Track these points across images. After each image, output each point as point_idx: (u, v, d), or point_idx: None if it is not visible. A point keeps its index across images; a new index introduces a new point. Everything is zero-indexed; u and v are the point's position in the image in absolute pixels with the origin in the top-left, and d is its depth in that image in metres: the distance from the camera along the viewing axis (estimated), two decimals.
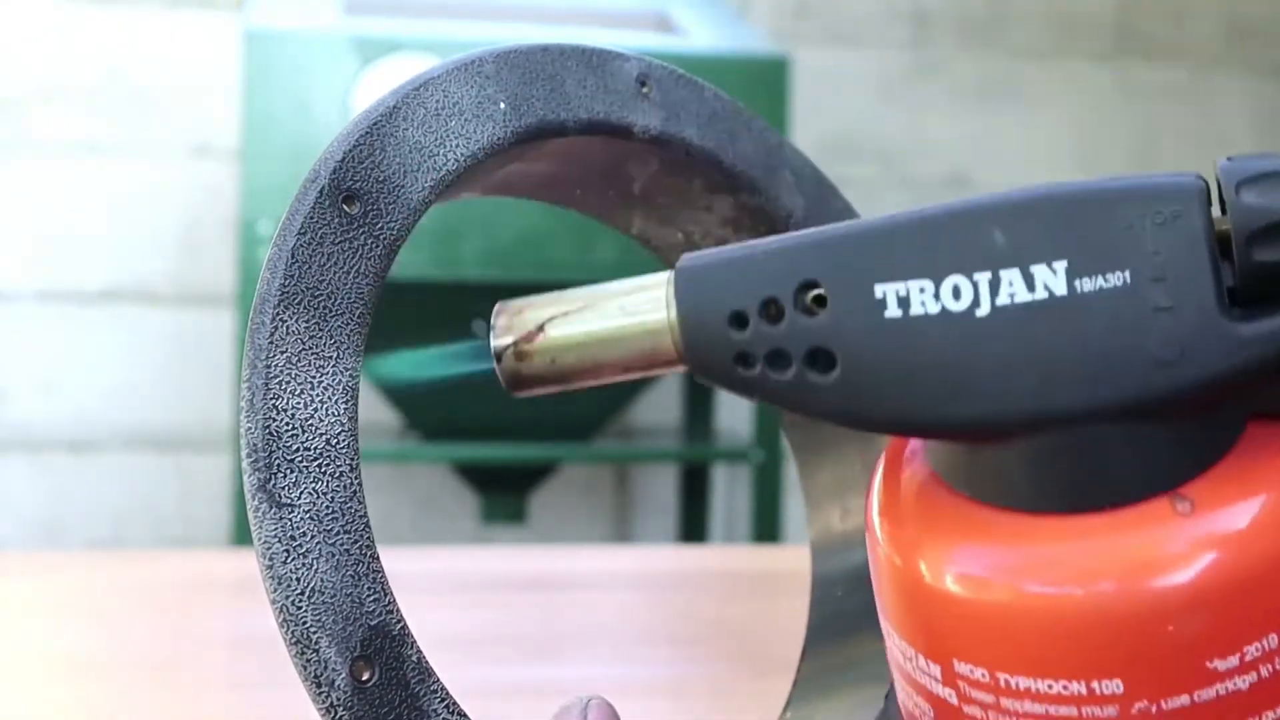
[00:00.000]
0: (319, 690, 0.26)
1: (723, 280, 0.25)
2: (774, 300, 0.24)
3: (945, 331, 0.24)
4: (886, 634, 0.26)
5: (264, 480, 0.26)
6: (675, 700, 0.54)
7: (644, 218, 0.36)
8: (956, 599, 0.24)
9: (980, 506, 0.24)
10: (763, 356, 0.24)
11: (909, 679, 0.25)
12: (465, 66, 0.30)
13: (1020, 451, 0.24)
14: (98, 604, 0.67)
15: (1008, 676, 0.23)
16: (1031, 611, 0.23)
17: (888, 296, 0.24)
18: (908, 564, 0.25)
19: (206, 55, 1.95)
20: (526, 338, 0.26)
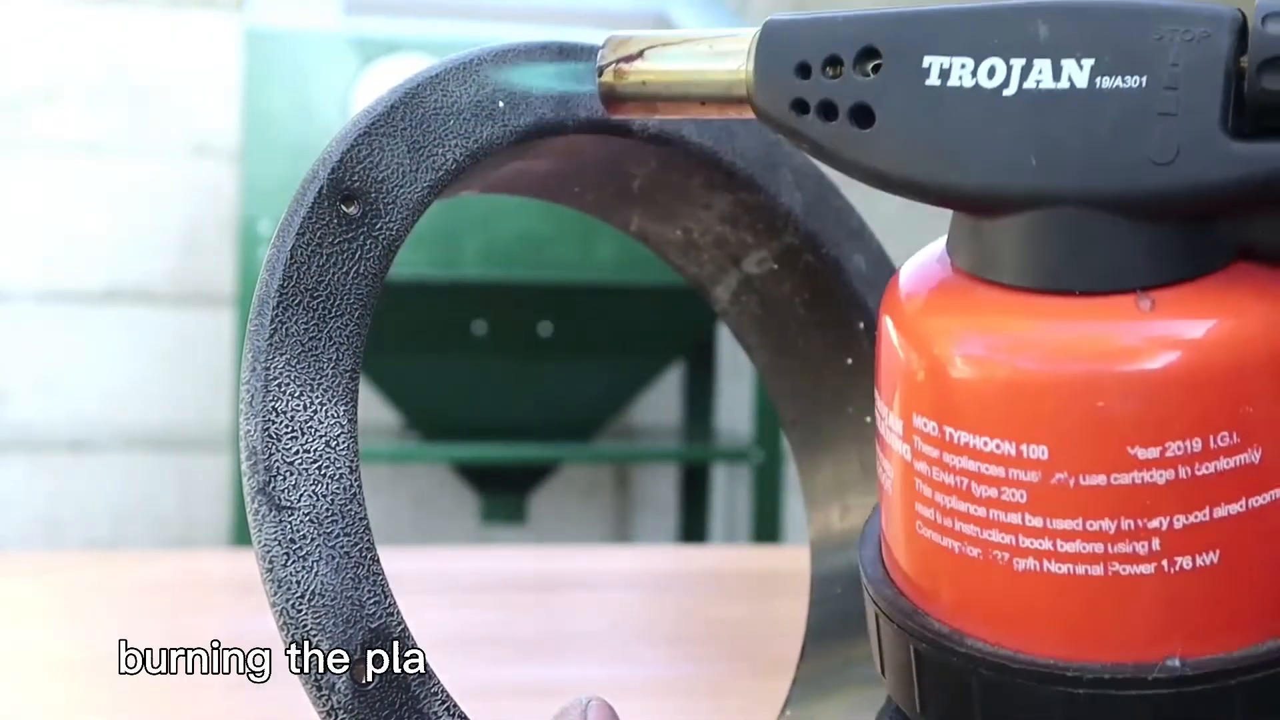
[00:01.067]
0: (319, 693, 0.26)
1: (799, 35, 0.28)
2: (837, 58, 0.27)
3: (973, 104, 0.26)
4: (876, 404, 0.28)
5: (263, 483, 0.26)
6: (675, 700, 0.54)
7: (643, 215, 0.36)
8: (920, 357, 0.26)
9: (969, 279, 0.27)
10: (816, 105, 0.27)
11: (881, 442, 0.28)
12: (463, 65, 0.30)
13: (1012, 227, 0.26)
14: (98, 604, 0.67)
15: (952, 430, 0.26)
16: (979, 373, 0.26)
17: (932, 67, 0.26)
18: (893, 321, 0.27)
19: (206, 55, 1.95)
20: (626, 59, 0.30)
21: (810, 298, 0.36)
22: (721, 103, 0.29)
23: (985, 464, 0.25)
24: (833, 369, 0.37)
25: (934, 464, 0.26)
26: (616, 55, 0.30)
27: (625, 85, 0.30)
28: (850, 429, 0.37)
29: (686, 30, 0.30)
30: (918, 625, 0.27)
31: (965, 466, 0.26)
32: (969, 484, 0.26)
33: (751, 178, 0.35)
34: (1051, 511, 0.25)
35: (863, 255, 0.36)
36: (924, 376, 0.26)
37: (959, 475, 0.26)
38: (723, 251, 0.37)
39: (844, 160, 0.27)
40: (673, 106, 0.30)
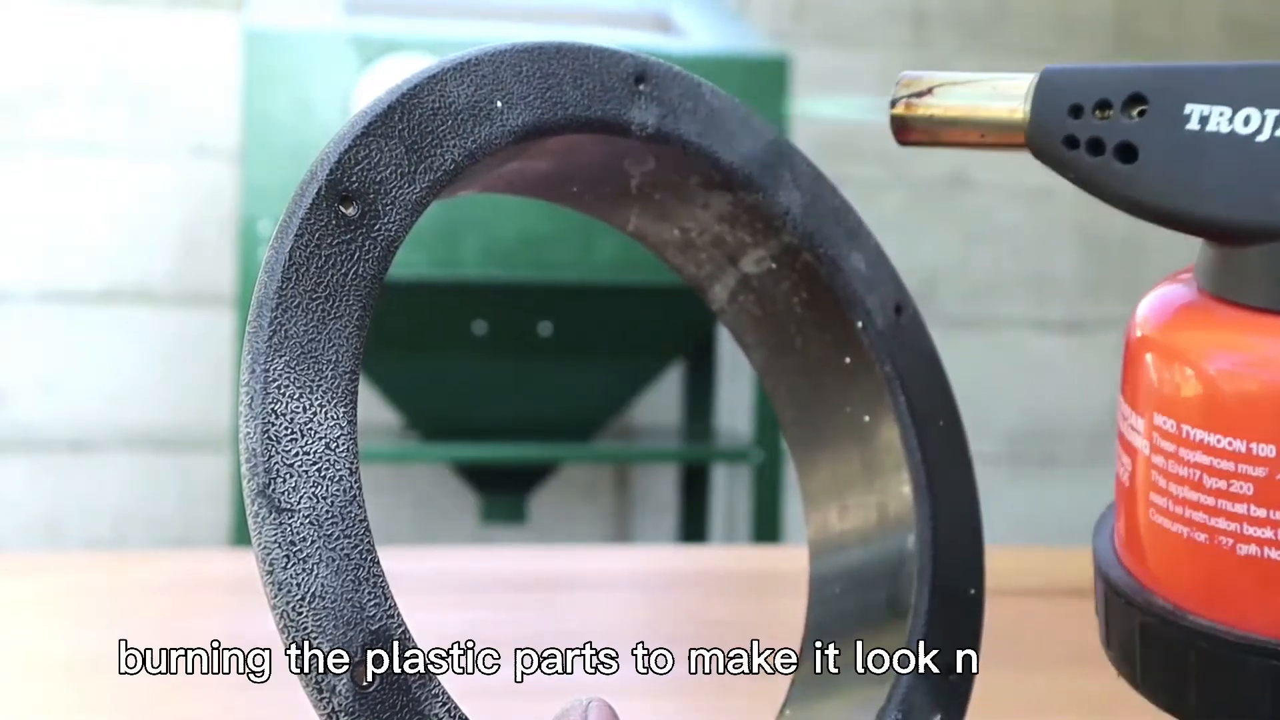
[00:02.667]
0: (320, 695, 0.26)
1: (1074, 82, 0.32)
2: (1107, 102, 0.31)
3: (1228, 147, 0.29)
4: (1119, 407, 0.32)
5: (263, 485, 0.26)
6: (675, 700, 0.54)
7: (640, 215, 0.36)
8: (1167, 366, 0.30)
9: (1216, 301, 0.30)
10: (1085, 141, 0.31)
11: (1122, 440, 0.32)
12: (461, 66, 0.30)
13: (1259, 255, 0.29)
14: (98, 604, 0.67)
15: (1189, 428, 0.30)
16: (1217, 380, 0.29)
17: (1193, 114, 0.30)
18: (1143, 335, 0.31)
19: (206, 55, 1.95)
20: (917, 94, 0.34)
21: (808, 297, 0.36)
22: (998, 135, 0.33)
23: (1217, 459, 0.29)
24: (831, 368, 0.37)
25: (1170, 457, 0.30)
26: (908, 91, 0.34)
27: (915, 117, 0.34)
28: (848, 428, 0.37)
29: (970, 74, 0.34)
30: (1144, 602, 0.31)
31: (1199, 460, 0.29)
32: (1201, 476, 0.29)
33: (749, 177, 0.35)
34: (1275, 503, 0.29)
35: (861, 254, 0.36)
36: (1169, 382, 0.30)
37: (1193, 468, 0.30)
38: (720, 251, 0.37)
39: (1108, 191, 0.31)
40: (954, 136, 0.34)
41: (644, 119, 0.33)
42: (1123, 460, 0.32)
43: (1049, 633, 0.60)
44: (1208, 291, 0.31)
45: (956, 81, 0.34)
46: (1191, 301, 0.31)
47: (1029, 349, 2.20)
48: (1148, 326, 0.32)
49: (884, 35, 2.17)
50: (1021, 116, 0.32)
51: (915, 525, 0.36)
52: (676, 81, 0.34)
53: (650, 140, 0.33)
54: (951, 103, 0.34)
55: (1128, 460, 0.32)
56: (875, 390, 0.36)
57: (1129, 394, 0.32)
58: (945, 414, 0.36)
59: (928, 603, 0.35)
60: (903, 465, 0.36)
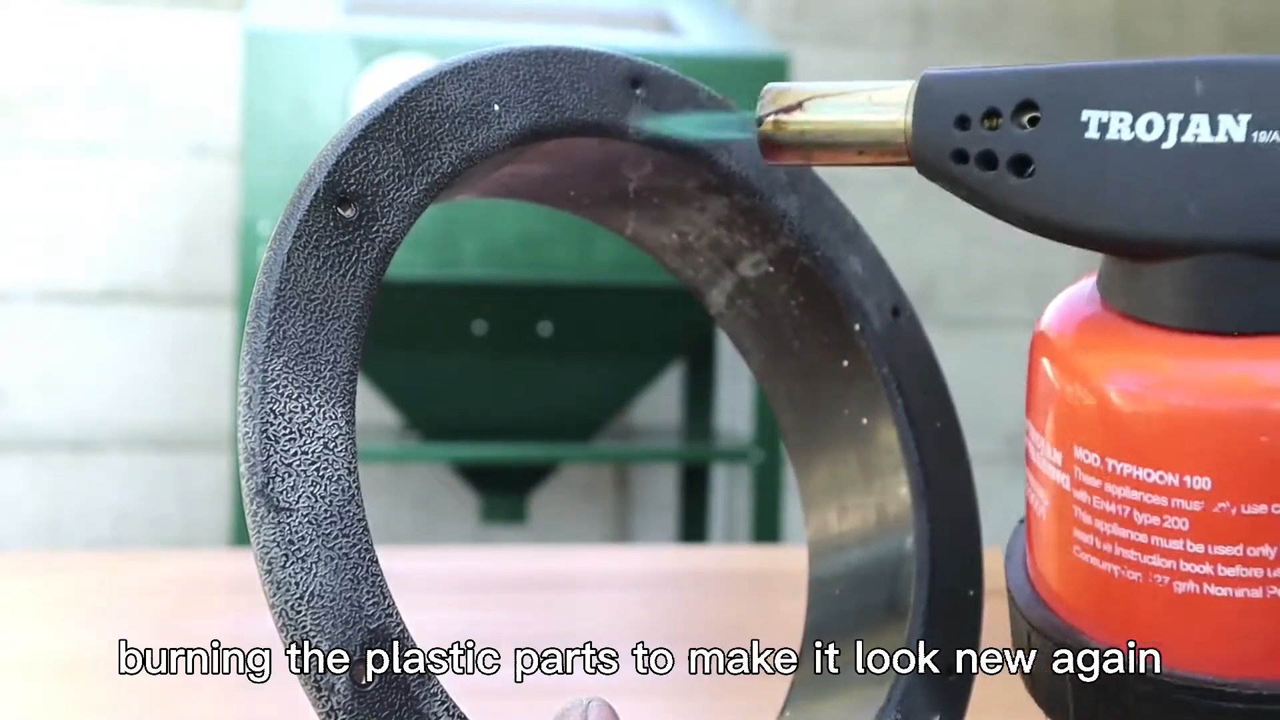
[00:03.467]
0: (319, 694, 0.26)
1: (957, 90, 0.29)
2: (996, 111, 0.29)
3: (1131, 156, 0.27)
4: (1028, 431, 0.30)
5: (262, 485, 0.26)
6: (675, 700, 0.54)
7: (638, 219, 0.36)
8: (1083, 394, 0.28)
9: (1125, 319, 0.28)
10: (975, 155, 0.29)
11: (1035, 470, 0.30)
12: (458, 70, 0.30)
13: (1174, 272, 0.27)
14: (98, 604, 0.67)
15: (1115, 462, 0.27)
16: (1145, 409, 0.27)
17: (1091, 121, 0.28)
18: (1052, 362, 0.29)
19: (206, 55, 1.95)
20: (785, 110, 0.31)
21: (806, 300, 0.36)
22: (879, 152, 0.30)
23: (1148, 494, 0.27)
24: (829, 371, 0.37)
25: (1095, 493, 0.28)
26: (776, 106, 0.31)
27: (784, 135, 0.31)
28: (846, 431, 0.37)
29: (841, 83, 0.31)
30: (1075, 645, 0.29)
31: (1128, 496, 0.27)
32: (1131, 512, 0.27)
33: (746, 180, 0.35)
34: (1213, 538, 0.26)
35: (858, 257, 0.36)
36: (1087, 411, 0.28)
37: (1121, 504, 0.27)
38: (718, 254, 0.37)
39: (1003, 207, 0.29)
40: (830, 155, 0.31)
41: (641, 122, 0.33)
42: (1035, 491, 0.30)
43: None
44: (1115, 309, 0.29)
45: (828, 93, 0.31)
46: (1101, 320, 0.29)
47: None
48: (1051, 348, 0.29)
49: (884, 35, 2.17)
50: (903, 130, 0.30)
51: (914, 526, 0.36)
52: (672, 85, 0.34)
53: (647, 144, 0.33)
54: (825, 117, 0.31)
55: (1043, 492, 0.29)
56: (873, 392, 0.36)
57: (1038, 420, 0.29)
58: (943, 415, 0.36)
59: (926, 603, 0.35)
60: (901, 467, 0.36)
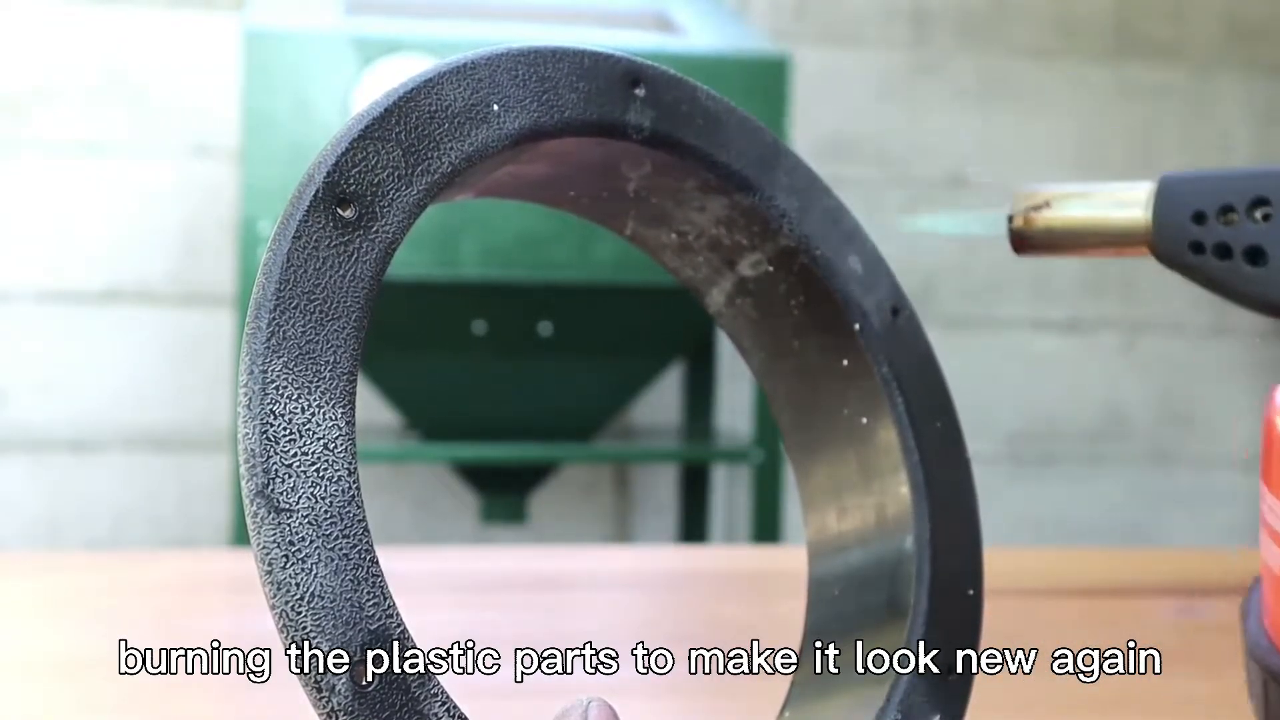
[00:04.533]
0: (320, 695, 0.26)
1: (1195, 190, 0.32)
2: (1231, 207, 0.32)
3: None
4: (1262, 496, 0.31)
5: (262, 485, 0.26)
6: (675, 700, 0.54)
7: (637, 219, 0.36)
8: None
9: None
10: (1212, 246, 0.32)
11: (1268, 528, 0.31)
12: (457, 70, 0.30)
13: None
14: (98, 604, 0.67)
15: None
16: None
17: None
18: None
19: (206, 55, 1.95)
20: (1035, 207, 0.35)
21: (805, 300, 0.36)
22: (1121, 245, 0.34)
23: None
24: (828, 371, 0.37)
25: None
26: (1026, 205, 0.35)
27: (1034, 231, 0.35)
28: (846, 431, 0.37)
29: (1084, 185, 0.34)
30: None
31: None
32: None
33: (746, 180, 0.35)
34: None
35: (857, 256, 0.36)
36: None
37: None
38: (717, 254, 0.37)
39: (1239, 293, 0.32)
40: (1075, 249, 0.34)
41: (640, 122, 0.33)
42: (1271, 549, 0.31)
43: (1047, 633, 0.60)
44: None
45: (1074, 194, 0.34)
46: None
47: (1029, 349, 2.20)
48: None
49: (884, 35, 2.17)
50: (1144, 225, 0.33)
51: (913, 526, 0.36)
52: (671, 84, 0.34)
53: (647, 143, 0.33)
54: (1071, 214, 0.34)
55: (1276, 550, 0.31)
56: (873, 392, 0.36)
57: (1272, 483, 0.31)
58: (942, 415, 0.36)
59: (926, 603, 0.35)
60: (900, 467, 0.36)
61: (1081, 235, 0.34)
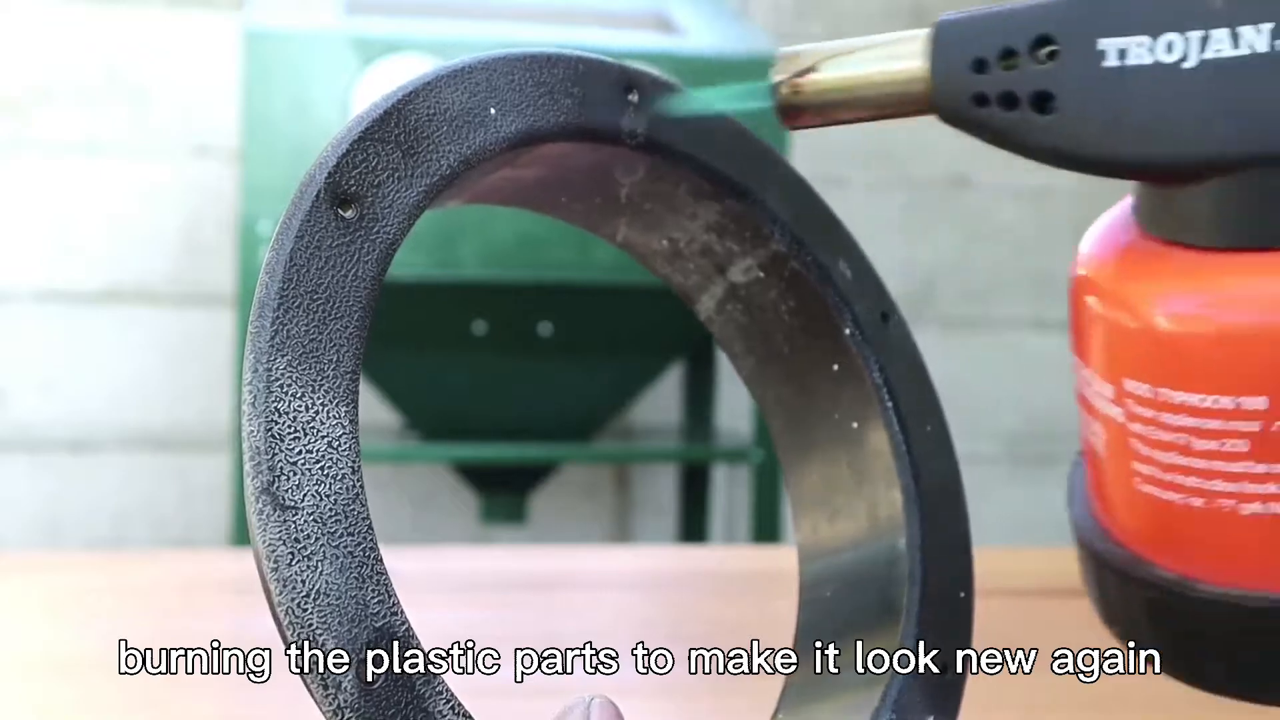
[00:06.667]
0: (325, 692, 0.26)
1: (972, 33, 0.29)
2: (1012, 50, 0.28)
3: (1154, 80, 0.27)
4: (1077, 369, 0.30)
5: (267, 483, 0.27)
6: (675, 700, 0.54)
7: (629, 225, 0.36)
8: (1128, 324, 0.28)
9: (1165, 245, 0.28)
10: (995, 97, 0.29)
11: (1086, 405, 0.29)
12: (455, 73, 0.31)
13: (1209, 193, 0.27)
14: (98, 604, 0.68)
15: (1168, 391, 0.27)
16: (1193, 333, 0.27)
17: (1108, 49, 0.27)
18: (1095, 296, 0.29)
19: (206, 55, 1.95)
20: (801, 73, 0.31)
21: (796, 305, 0.37)
22: (899, 104, 0.30)
23: (1204, 419, 0.27)
24: (819, 376, 0.37)
25: (1150, 424, 0.27)
26: (791, 71, 0.31)
27: (803, 98, 0.31)
28: (837, 434, 0.37)
29: (853, 40, 0.31)
30: (1146, 575, 0.28)
31: (1183, 424, 0.27)
32: (1188, 440, 0.27)
33: (738, 186, 0.35)
34: (1276, 456, 0.26)
35: (847, 262, 0.36)
36: (1134, 342, 0.27)
37: (1177, 432, 0.27)
38: (709, 260, 0.37)
39: (1029, 146, 0.28)
40: (851, 113, 0.31)
41: (634, 127, 0.33)
42: (1091, 427, 0.29)
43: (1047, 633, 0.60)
44: (1153, 235, 0.28)
45: (842, 51, 0.31)
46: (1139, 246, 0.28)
47: (1029, 349, 2.21)
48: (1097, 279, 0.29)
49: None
50: (922, 80, 0.29)
51: (905, 528, 0.36)
52: (664, 90, 0.34)
53: (641, 149, 0.33)
54: (842, 74, 0.31)
55: (1098, 428, 0.29)
56: (863, 397, 0.36)
57: (1085, 355, 0.29)
58: (932, 418, 0.37)
59: (919, 605, 0.35)
60: (892, 470, 0.36)
61: (856, 98, 0.30)
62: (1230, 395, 0.26)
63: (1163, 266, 0.27)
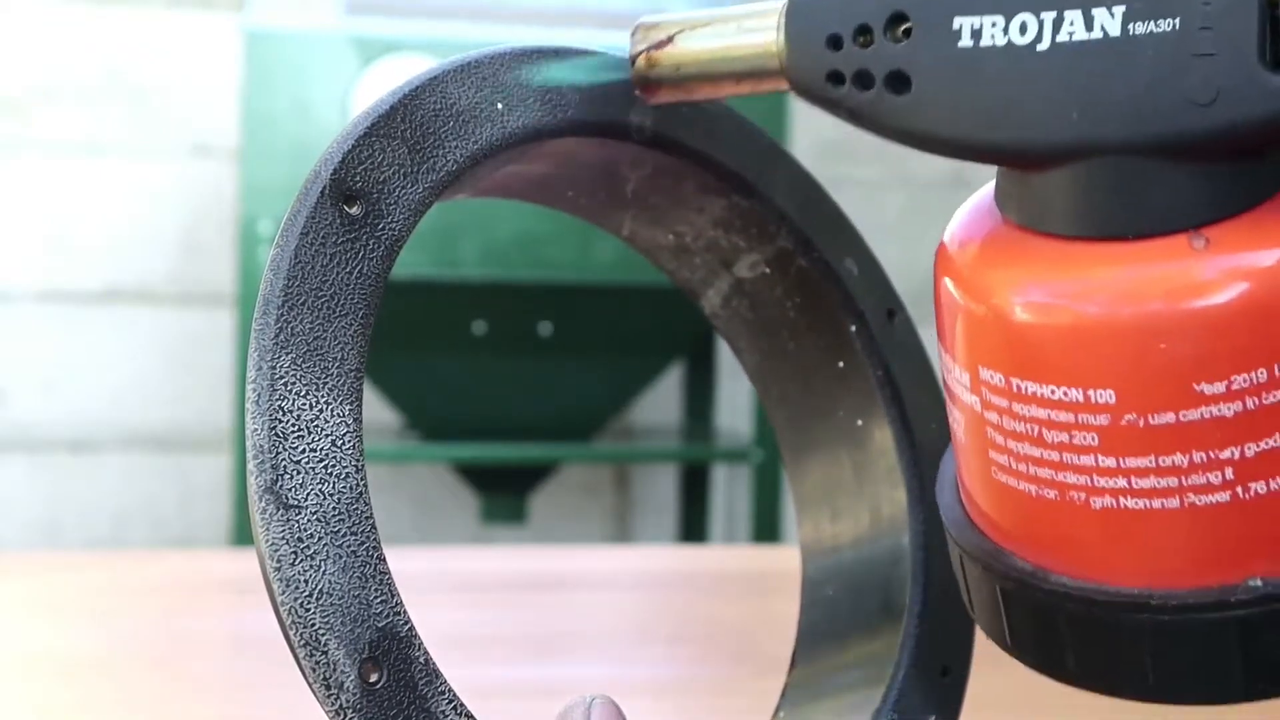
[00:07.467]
0: (328, 692, 0.26)
1: (825, 8, 0.28)
2: (867, 27, 0.27)
3: (1008, 62, 0.26)
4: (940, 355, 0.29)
5: (271, 481, 0.26)
6: (675, 700, 0.54)
7: (635, 219, 0.36)
8: (981, 310, 0.27)
9: (1021, 231, 0.27)
10: (851, 76, 0.28)
11: (949, 392, 0.29)
12: (462, 68, 0.30)
13: (1060, 179, 0.26)
14: (98, 604, 0.68)
15: (1019, 381, 0.26)
16: (1041, 323, 0.26)
17: (963, 28, 0.26)
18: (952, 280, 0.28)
19: (206, 55, 1.95)
20: (657, 45, 0.30)
21: (801, 301, 0.36)
22: (755, 79, 0.29)
23: (1054, 411, 0.26)
24: (823, 373, 0.37)
25: (1004, 413, 0.27)
26: (648, 42, 0.30)
27: (659, 71, 0.30)
28: (841, 432, 0.37)
29: (713, 10, 0.30)
30: (1002, 565, 0.28)
31: (1035, 415, 0.26)
32: (1040, 430, 0.26)
33: (745, 182, 0.35)
34: (1123, 451, 0.26)
35: (853, 259, 0.36)
36: (987, 330, 0.27)
37: (1029, 423, 0.26)
38: (714, 256, 0.37)
39: (884, 126, 0.28)
40: (707, 87, 0.30)
41: (641, 122, 0.33)
42: (953, 414, 0.29)
43: None
44: (1013, 221, 0.27)
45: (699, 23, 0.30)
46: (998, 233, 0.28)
47: None
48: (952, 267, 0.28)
49: None
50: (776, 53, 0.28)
51: (908, 527, 0.36)
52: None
53: (648, 144, 0.33)
54: (697, 46, 0.30)
55: (958, 414, 0.28)
56: (868, 394, 0.36)
57: (946, 341, 0.28)
58: (936, 417, 0.37)
59: (921, 604, 0.35)
60: (895, 469, 0.36)
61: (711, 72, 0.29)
62: (1078, 387, 0.26)
63: (1017, 253, 0.27)
